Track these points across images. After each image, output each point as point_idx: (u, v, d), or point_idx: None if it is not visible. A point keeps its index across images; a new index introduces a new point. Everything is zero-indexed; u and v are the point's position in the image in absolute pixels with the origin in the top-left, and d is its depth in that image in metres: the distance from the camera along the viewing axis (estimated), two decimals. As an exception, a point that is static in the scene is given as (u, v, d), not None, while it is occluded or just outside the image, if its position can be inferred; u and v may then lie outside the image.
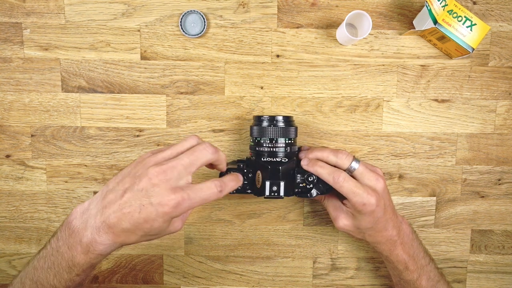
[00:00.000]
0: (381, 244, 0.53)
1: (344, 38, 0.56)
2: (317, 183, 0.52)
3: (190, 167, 0.42)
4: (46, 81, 0.60)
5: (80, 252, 0.41)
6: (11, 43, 0.59)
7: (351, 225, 0.52)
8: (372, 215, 0.49)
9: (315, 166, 0.51)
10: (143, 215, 0.40)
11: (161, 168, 0.40)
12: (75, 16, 0.59)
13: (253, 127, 0.53)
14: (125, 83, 0.60)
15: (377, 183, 0.50)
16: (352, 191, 0.48)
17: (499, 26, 0.59)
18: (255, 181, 0.52)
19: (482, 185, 0.62)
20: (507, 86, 0.60)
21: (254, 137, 0.53)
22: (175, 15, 0.59)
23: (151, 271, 0.64)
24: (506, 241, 0.63)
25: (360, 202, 0.48)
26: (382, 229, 0.51)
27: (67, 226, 0.43)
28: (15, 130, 0.61)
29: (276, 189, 0.50)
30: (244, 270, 0.64)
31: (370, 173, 0.50)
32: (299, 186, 0.52)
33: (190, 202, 0.40)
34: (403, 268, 0.53)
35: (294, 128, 0.53)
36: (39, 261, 0.45)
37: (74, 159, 0.61)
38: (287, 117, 0.53)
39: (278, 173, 0.51)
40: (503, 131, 0.61)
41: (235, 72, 0.60)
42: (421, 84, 0.60)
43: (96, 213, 0.41)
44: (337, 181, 0.49)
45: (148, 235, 0.42)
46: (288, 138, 0.52)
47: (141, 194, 0.40)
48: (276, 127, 0.52)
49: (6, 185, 0.62)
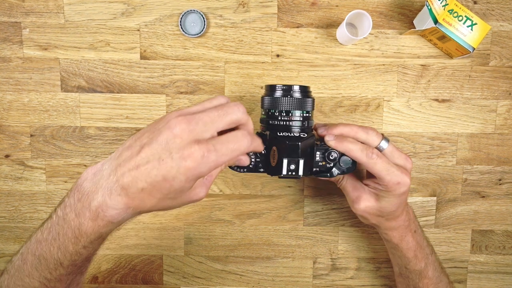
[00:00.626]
0: (393, 230, 0.51)
1: (344, 38, 0.56)
2: (338, 162, 0.47)
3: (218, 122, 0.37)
4: (46, 81, 0.60)
5: (88, 218, 0.36)
6: (10, 42, 0.59)
7: (374, 207, 0.49)
8: (402, 196, 0.47)
9: (344, 142, 0.46)
10: (162, 171, 0.34)
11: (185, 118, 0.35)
12: (75, 16, 0.59)
13: (264, 98, 0.48)
14: (124, 83, 0.60)
15: (406, 163, 0.48)
16: (386, 169, 0.45)
17: (499, 26, 0.59)
18: (270, 158, 0.46)
19: (482, 185, 0.62)
20: (508, 86, 0.60)
21: (266, 109, 0.48)
22: (175, 15, 0.59)
23: (151, 271, 0.64)
24: (507, 241, 0.63)
25: (395, 181, 0.45)
26: (400, 213, 0.49)
27: (77, 189, 0.37)
28: (14, 130, 0.60)
29: (294, 167, 0.45)
30: (244, 270, 0.64)
31: (399, 153, 0.48)
32: (318, 164, 0.48)
33: (217, 155, 0.35)
34: (412, 256, 0.52)
35: (311, 99, 0.48)
36: (42, 233, 0.39)
37: (73, 159, 0.61)
38: (304, 87, 0.48)
39: (297, 149, 0.44)
40: (503, 131, 0.61)
41: (235, 72, 0.60)
42: (421, 84, 0.60)
43: (109, 173, 0.36)
44: (371, 157, 0.45)
45: (168, 198, 0.36)
46: (305, 111, 0.47)
47: (161, 147, 0.35)
48: (292, 98, 0.46)
49: (6, 185, 0.62)
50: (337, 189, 0.62)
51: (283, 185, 0.62)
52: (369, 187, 0.49)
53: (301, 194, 0.62)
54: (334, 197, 0.62)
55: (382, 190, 0.47)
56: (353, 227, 0.63)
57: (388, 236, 0.52)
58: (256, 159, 0.47)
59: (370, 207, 0.49)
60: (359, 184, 0.50)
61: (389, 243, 0.53)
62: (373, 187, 0.49)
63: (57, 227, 0.38)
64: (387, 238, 0.53)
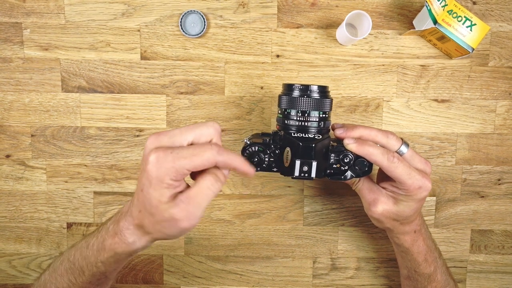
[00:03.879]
0: (406, 235, 0.50)
1: (344, 38, 0.56)
2: (353, 165, 0.47)
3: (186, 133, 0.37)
4: (46, 81, 0.60)
5: (111, 235, 0.40)
6: (11, 43, 0.59)
7: (391, 210, 0.48)
8: (421, 201, 0.47)
9: (365, 146, 0.45)
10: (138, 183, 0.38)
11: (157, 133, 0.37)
12: (75, 16, 0.59)
13: (281, 97, 0.48)
14: (125, 83, 0.60)
15: (426, 167, 0.47)
16: (408, 173, 0.45)
17: (499, 26, 0.59)
18: (283, 159, 0.46)
19: (482, 185, 0.62)
20: (507, 86, 0.60)
21: (282, 108, 0.47)
22: (175, 15, 0.59)
23: (151, 271, 0.64)
24: (506, 241, 0.63)
25: (416, 185, 0.45)
26: (415, 218, 0.49)
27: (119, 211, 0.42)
28: (15, 130, 0.61)
29: (307, 169, 0.44)
30: (244, 270, 0.64)
31: (419, 157, 0.47)
32: (332, 167, 0.47)
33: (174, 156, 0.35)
34: (422, 260, 0.51)
35: (329, 100, 0.47)
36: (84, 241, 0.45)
37: (74, 159, 0.61)
38: (322, 87, 0.47)
39: (311, 151, 0.44)
40: (503, 131, 0.61)
41: (235, 72, 0.60)
42: (421, 84, 0.60)
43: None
44: (393, 161, 0.44)
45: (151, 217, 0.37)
46: (323, 112, 0.46)
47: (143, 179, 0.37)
48: (309, 98, 0.46)
49: (6, 185, 0.62)
50: (337, 189, 0.62)
51: (283, 185, 0.62)
52: (387, 190, 0.49)
53: (301, 194, 0.62)
54: (334, 197, 0.63)
55: (402, 194, 0.47)
56: (353, 227, 0.63)
57: (400, 240, 0.51)
58: (270, 158, 0.46)
59: (388, 211, 0.48)
60: (375, 187, 0.49)
61: (400, 247, 0.52)
62: (391, 191, 0.48)
63: (92, 239, 0.43)
64: (399, 242, 0.52)
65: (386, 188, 0.49)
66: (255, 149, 0.46)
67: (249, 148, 0.46)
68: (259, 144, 0.46)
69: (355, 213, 0.63)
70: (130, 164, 0.61)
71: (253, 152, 0.46)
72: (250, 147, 0.46)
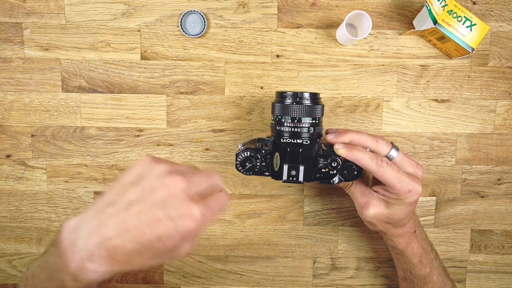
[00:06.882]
0: (399, 237, 0.51)
1: (344, 38, 0.56)
2: (341, 169, 0.48)
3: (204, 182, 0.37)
4: (46, 81, 0.60)
5: (69, 279, 0.34)
6: (11, 43, 0.59)
7: (383, 213, 0.48)
8: (412, 204, 0.47)
9: (354, 151, 0.46)
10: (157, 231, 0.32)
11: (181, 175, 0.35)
12: (75, 16, 0.59)
13: (274, 104, 0.49)
14: (125, 83, 0.60)
15: (417, 171, 0.47)
16: (397, 177, 0.45)
17: (498, 26, 0.59)
18: (273, 164, 0.48)
19: (481, 185, 0.62)
20: (507, 86, 0.60)
21: (275, 115, 0.49)
22: (175, 15, 0.59)
23: (151, 271, 0.64)
24: (506, 241, 0.63)
25: (406, 189, 0.45)
26: (408, 220, 0.49)
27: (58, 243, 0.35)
28: (15, 130, 0.61)
29: (295, 173, 0.47)
30: (244, 270, 0.64)
31: (410, 160, 0.48)
32: (321, 171, 0.48)
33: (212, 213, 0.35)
34: (417, 261, 0.52)
35: (320, 106, 0.48)
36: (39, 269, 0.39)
37: (74, 159, 0.61)
38: (313, 94, 0.48)
39: (297, 156, 0.46)
40: (502, 131, 0.61)
41: (235, 72, 0.60)
42: (421, 84, 0.60)
43: (88, 233, 0.34)
44: (381, 166, 0.45)
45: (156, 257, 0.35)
46: (313, 118, 0.48)
47: (156, 206, 0.33)
48: (300, 105, 0.47)
49: (7, 185, 0.62)
50: (337, 189, 0.62)
51: (283, 185, 0.62)
52: (378, 193, 0.49)
53: (301, 194, 0.63)
54: (334, 197, 0.63)
55: (393, 198, 0.47)
56: (352, 227, 0.63)
57: (394, 243, 0.52)
58: (261, 163, 0.49)
59: (379, 214, 0.48)
60: (368, 191, 0.50)
61: (395, 249, 0.53)
62: (382, 194, 0.49)
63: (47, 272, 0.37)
64: (393, 244, 0.52)
65: (378, 192, 0.49)
66: (248, 154, 0.49)
67: (242, 153, 0.49)
68: (252, 149, 0.49)
69: (355, 213, 0.63)
70: (130, 164, 0.61)
71: (246, 157, 0.49)
72: (243, 153, 0.49)
